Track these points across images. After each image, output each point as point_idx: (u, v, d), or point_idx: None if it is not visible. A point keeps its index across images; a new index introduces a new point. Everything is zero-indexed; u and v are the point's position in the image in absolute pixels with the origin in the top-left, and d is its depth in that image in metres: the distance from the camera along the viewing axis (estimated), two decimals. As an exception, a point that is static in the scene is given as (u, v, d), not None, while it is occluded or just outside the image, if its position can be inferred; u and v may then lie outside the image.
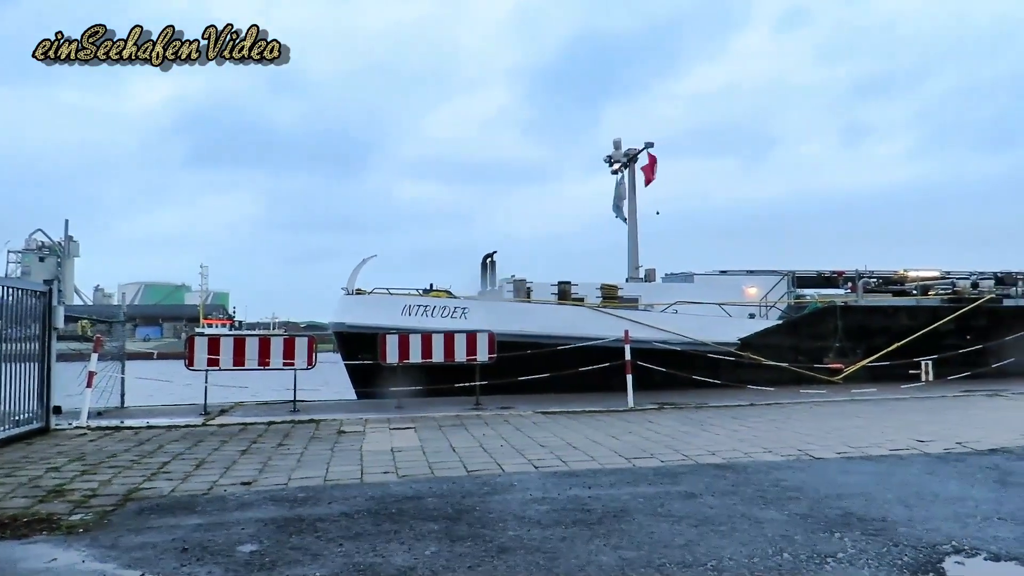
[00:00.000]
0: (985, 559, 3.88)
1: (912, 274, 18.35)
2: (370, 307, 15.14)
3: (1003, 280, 18.00)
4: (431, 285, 16.45)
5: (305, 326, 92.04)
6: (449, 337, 11.79)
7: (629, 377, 11.37)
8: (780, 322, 15.81)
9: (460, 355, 11.73)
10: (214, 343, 11.29)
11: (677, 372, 13.19)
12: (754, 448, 7.32)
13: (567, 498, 5.28)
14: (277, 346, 11.48)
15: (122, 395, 11.99)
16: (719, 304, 16.02)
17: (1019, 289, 17.86)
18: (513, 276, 16.73)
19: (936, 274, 18.48)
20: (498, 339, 12.07)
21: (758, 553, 3.98)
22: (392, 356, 11.59)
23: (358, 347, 14.18)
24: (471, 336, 11.85)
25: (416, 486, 5.74)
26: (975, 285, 17.71)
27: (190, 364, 11.14)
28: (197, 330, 70.27)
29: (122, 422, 9.77)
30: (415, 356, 11.60)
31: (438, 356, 11.66)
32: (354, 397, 14.78)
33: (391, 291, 15.78)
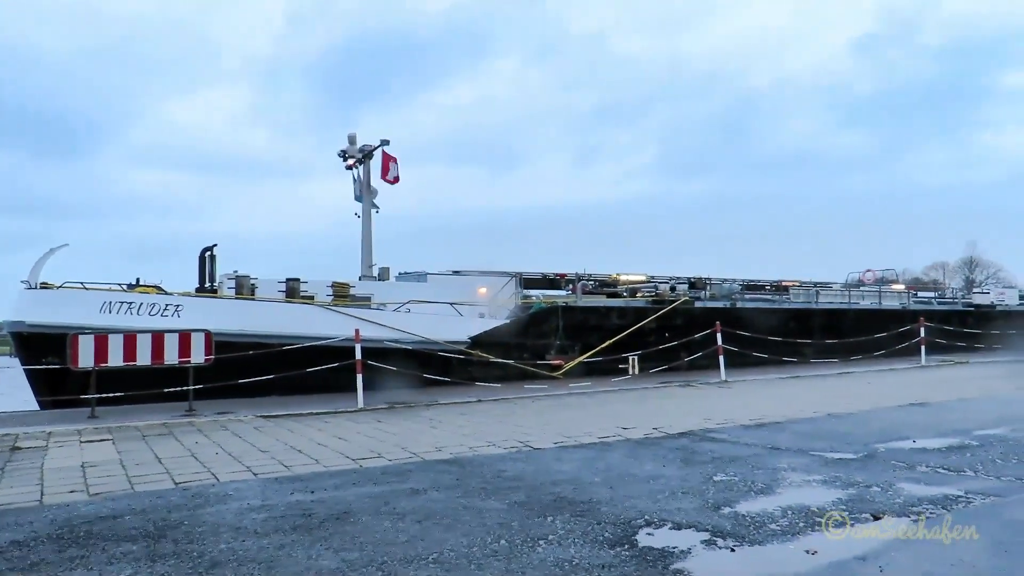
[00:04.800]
0: (670, 528, 4.37)
1: (623, 278, 20.41)
2: (59, 304, 13.18)
3: (695, 284, 20.89)
4: (138, 280, 14.75)
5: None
6: (158, 337, 10.67)
7: (359, 377, 11.18)
8: (508, 321, 16.63)
9: (172, 357, 10.67)
10: None
11: (409, 371, 13.27)
12: (479, 442, 7.56)
13: (288, 504, 5.00)
14: (-69, 349, 9.51)
15: None
16: (451, 303, 16.43)
17: (707, 292, 20.79)
18: (236, 272, 15.63)
19: (643, 278, 20.78)
20: (217, 339, 11.20)
21: (478, 542, 4.08)
22: (86, 359, 10.18)
23: (43, 349, 12.35)
24: (184, 336, 10.85)
25: (112, 504, 5.07)
26: (673, 288, 20.25)
27: None
28: None
29: None
30: (115, 359, 10.31)
31: (144, 358, 10.49)
32: (36, 408, 12.81)
33: (86, 286, 13.87)
